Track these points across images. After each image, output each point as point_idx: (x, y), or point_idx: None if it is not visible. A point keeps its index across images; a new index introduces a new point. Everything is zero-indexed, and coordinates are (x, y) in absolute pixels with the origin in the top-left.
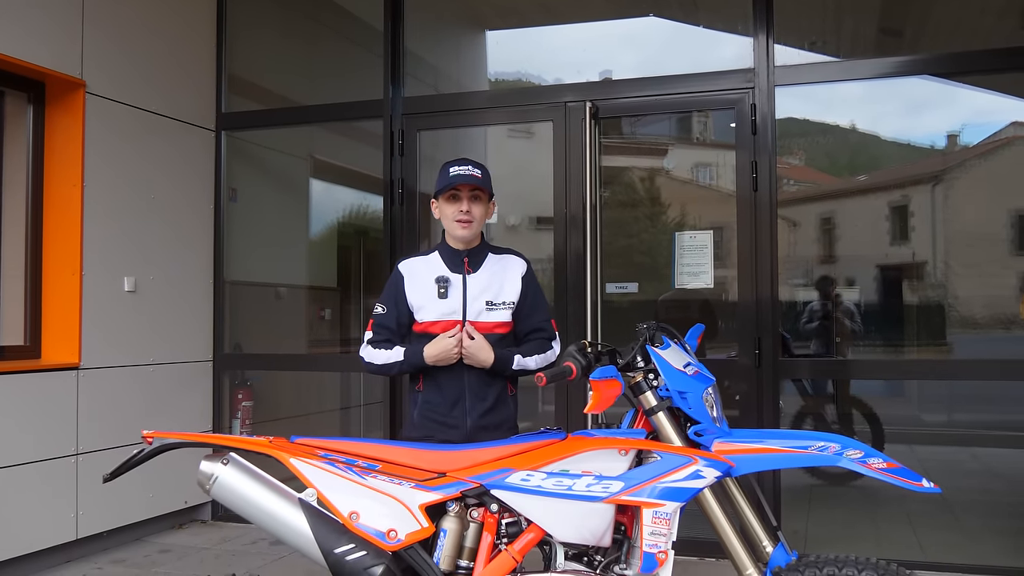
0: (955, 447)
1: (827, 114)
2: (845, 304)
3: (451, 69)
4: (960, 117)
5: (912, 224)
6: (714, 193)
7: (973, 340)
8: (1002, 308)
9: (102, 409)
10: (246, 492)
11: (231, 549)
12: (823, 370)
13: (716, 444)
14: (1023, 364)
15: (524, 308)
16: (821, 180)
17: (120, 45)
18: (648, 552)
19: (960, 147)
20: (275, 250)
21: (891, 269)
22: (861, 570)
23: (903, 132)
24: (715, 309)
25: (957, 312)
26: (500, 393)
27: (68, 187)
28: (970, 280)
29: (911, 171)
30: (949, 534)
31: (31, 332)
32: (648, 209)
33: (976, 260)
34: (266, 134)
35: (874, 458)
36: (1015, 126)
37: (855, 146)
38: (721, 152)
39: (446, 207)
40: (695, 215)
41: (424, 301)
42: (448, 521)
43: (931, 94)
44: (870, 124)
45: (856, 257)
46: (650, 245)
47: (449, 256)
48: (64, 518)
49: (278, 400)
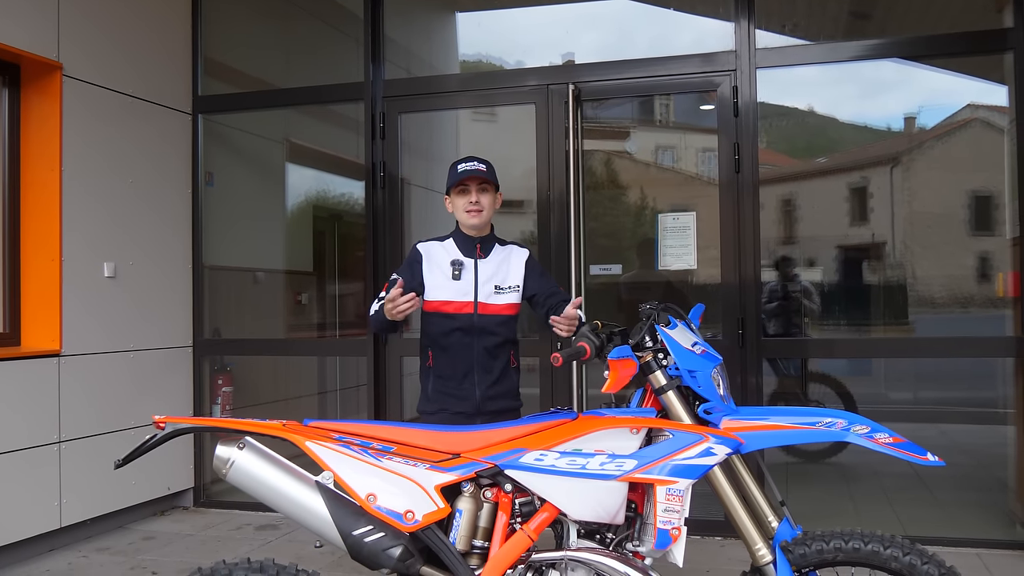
0: (922, 424)
1: (786, 97)
2: (806, 284)
3: (422, 51)
4: (917, 99)
5: (871, 205)
6: (686, 176)
7: (933, 320)
8: (960, 287)
9: (84, 396)
10: (263, 476)
11: (216, 535)
12: (804, 350)
13: (725, 422)
14: (982, 341)
15: (535, 281)
16: (781, 162)
17: (97, 27)
18: (662, 528)
19: (917, 129)
20: (252, 234)
21: (852, 249)
22: (867, 543)
23: (861, 114)
24: (697, 290)
25: (916, 291)
26: (504, 366)
27: (45, 171)
28: (929, 260)
29: (870, 153)
30: (926, 509)
31: (10, 319)
32: (619, 191)
33: (934, 240)
34: (242, 117)
35: (880, 433)
36: (971, 108)
37: (814, 129)
38: (697, 135)
39: (458, 200)
40: (665, 196)
41: (439, 281)
42: (463, 501)
43: (889, 76)
44: (828, 107)
45: (817, 238)
46: (627, 227)
47: (463, 242)
48: (48, 506)
49: (257, 385)
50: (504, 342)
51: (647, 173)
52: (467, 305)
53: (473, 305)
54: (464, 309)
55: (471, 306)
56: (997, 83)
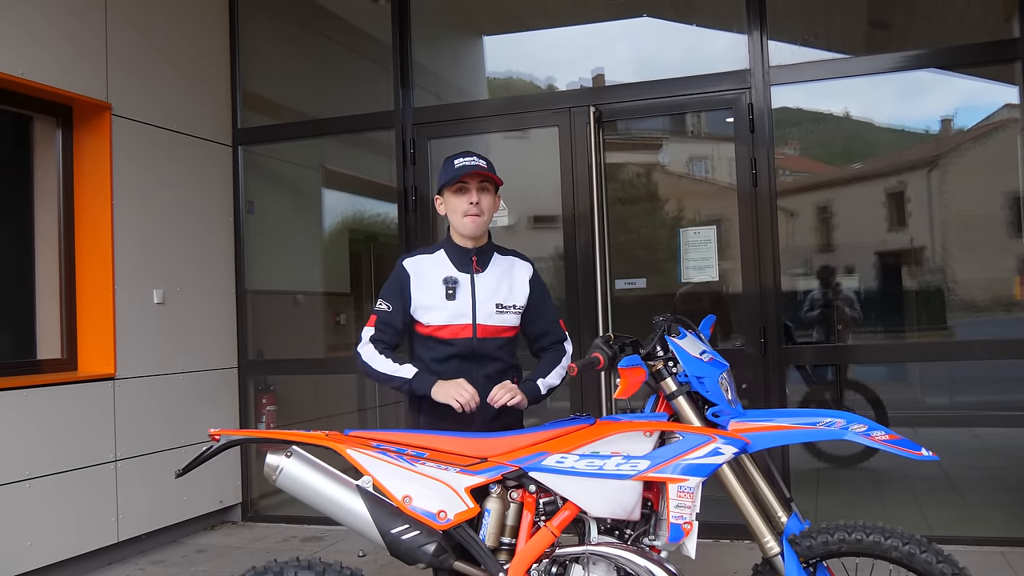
0: (957, 428)
1: (820, 102)
2: (845, 291)
3: (451, 75)
4: (953, 102)
5: (909, 210)
6: (711, 187)
7: (973, 323)
8: (1000, 290)
9: (137, 417)
10: (309, 481)
11: (264, 547)
12: (826, 356)
13: (732, 424)
14: (1020, 344)
15: (533, 310)
16: (816, 169)
17: (142, 67)
18: (675, 523)
19: (954, 131)
20: (291, 258)
21: (890, 255)
22: (869, 533)
23: (897, 118)
24: (720, 301)
25: (956, 296)
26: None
27: (99, 206)
28: (968, 263)
29: (906, 157)
30: (952, 510)
31: (67, 346)
32: (648, 205)
33: (973, 243)
34: (279, 147)
35: (877, 431)
36: (1008, 108)
37: (849, 134)
38: (717, 144)
39: (453, 200)
40: (694, 209)
41: (431, 302)
42: (491, 502)
43: (923, 81)
44: (864, 111)
45: (854, 244)
46: (650, 241)
47: (456, 254)
48: (106, 522)
49: (299, 403)
50: (507, 368)
51: (671, 185)
52: (465, 328)
53: (472, 328)
54: (462, 333)
55: (469, 329)
56: (1016, 85)
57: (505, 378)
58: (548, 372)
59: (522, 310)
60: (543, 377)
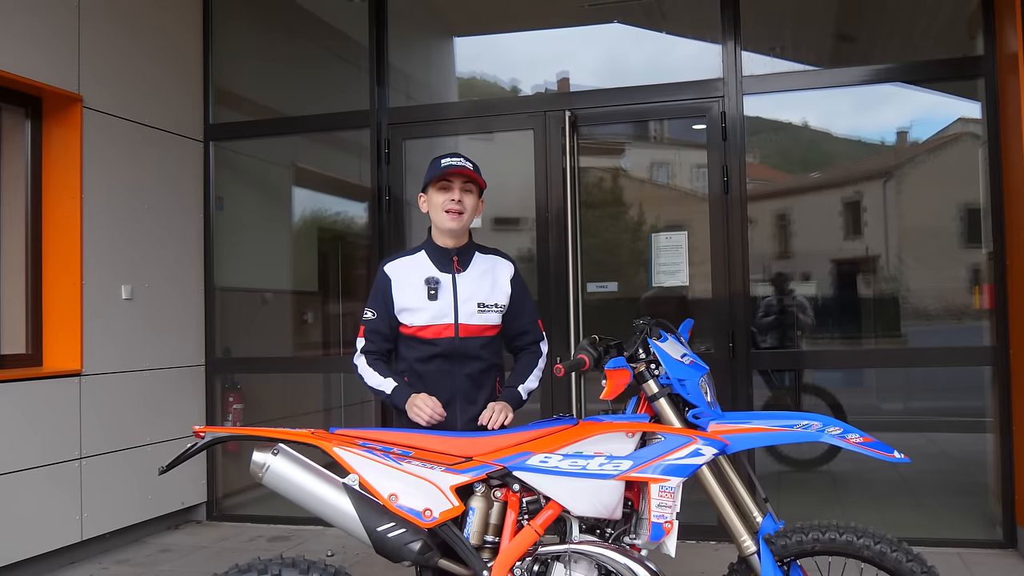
0: (913, 433)
1: (780, 112)
2: (800, 299)
3: (421, 75)
4: (909, 114)
5: (865, 219)
6: (679, 192)
7: (927, 331)
8: (953, 299)
9: (103, 414)
10: (296, 479)
11: (230, 547)
12: (794, 361)
13: (712, 425)
14: (961, 351)
15: (513, 310)
16: (775, 178)
17: (114, 60)
18: (656, 522)
19: (910, 143)
20: (260, 256)
21: (846, 263)
22: (842, 533)
23: (854, 129)
24: (684, 306)
25: (910, 304)
26: (490, 395)
27: (67, 199)
28: (922, 272)
29: (863, 167)
30: (910, 512)
31: (32, 341)
32: (616, 209)
33: (927, 253)
34: (251, 144)
35: (851, 433)
36: (962, 122)
37: (808, 143)
38: (687, 151)
39: (436, 197)
40: (665, 214)
41: (413, 303)
42: (476, 500)
43: (882, 93)
44: (822, 122)
45: (812, 252)
46: (620, 244)
47: (436, 255)
48: (70, 520)
49: (266, 402)
50: (489, 367)
51: (643, 190)
52: (447, 328)
53: (454, 328)
54: (444, 333)
55: (451, 329)
56: (979, 102)
57: (488, 377)
58: (526, 377)
59: (504, 309)
60: (522, 383)
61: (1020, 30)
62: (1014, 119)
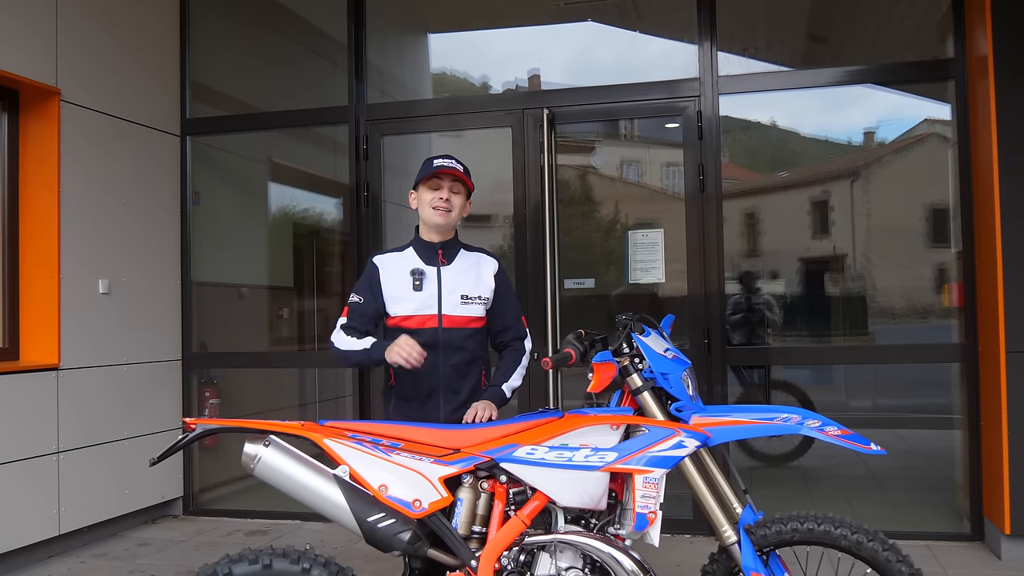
0: (881, 429)
1: (749, 112)
2: (767, 297)
3: (396, 71)
4: (877, 114)
5: (832, 219)
6: (653, 191)
7: (893, 330)
8: (919, 298)
9: (80, 408)
10: (288, 471)
11: (208, 540)
12: (768, 357)
13: (694, 418)
14: (930, 348)
15: (497, 306)
16: (744, 177)
17: (92, 53)
18: (640, 512)
19: (877, 143)
20: (236, 251)
21: (814, 262)
22: (820, 523)
23: (822, 129)
24: (656, 303)
25: (877, 303)
26: (474, 386)
27: (44, 192)
28: (888, 271)
29: (831, 167)
30: (879, 506)
31: (9, 334)
32: (592, 206)
33: (893, 252)
34: (228, 139)
35: (830, 426)
36: (928, 123)
37: (776, 143)
38: (662, 149)
39: (425, 194)
40: (642, 212)
41: (399, 293)
42: (463, 491)
43: (850, 93)
44: (791, 121)
45: (780, 251)
46: (598, 241)
47: (423, 249)
48: (47, 515)
49: (242, 397)
50: (473, 359)
51: (618, 188)
52: (431, 319)
53: (437, 318)
54: (428, 323)
55: (435, 319)
56: (948, 103)
57: (472, 369)
58: (510, 375)
59: (488, 302)
60: (506, 381)
61: (990, 33)
62: (983, 121)
